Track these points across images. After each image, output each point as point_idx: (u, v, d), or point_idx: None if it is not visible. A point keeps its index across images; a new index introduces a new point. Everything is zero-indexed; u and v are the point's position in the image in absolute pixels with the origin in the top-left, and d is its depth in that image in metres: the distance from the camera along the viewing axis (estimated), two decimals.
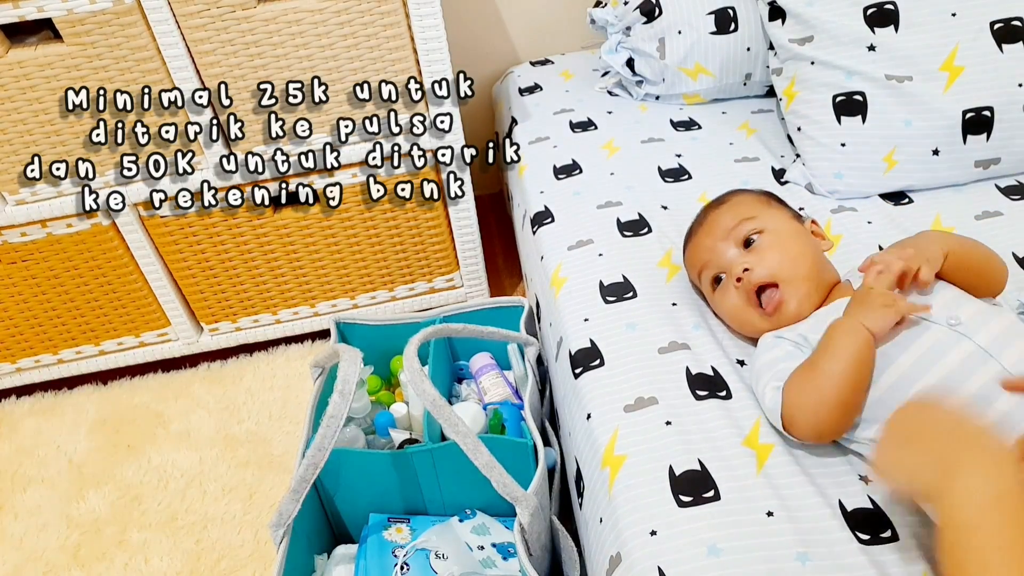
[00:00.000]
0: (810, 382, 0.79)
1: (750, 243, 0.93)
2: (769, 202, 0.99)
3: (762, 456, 0.81)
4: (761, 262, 0.90)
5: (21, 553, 1.27)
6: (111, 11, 1.12)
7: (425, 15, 1.20)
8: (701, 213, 1.02)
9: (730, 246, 0.94)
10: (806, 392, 0.79)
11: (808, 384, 0.79)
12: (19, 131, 1.21)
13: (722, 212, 0.98)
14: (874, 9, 1.17)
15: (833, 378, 0.77)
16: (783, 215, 0.97)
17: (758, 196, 1.00)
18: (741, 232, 0.93)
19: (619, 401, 0.90)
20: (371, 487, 1.06)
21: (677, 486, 0.79)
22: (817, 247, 0.94)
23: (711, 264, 0.96)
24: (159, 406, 1.49)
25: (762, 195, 1.00)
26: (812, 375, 0.79)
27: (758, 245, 0.92)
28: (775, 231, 0.93)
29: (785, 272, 0.89)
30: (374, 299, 1.53)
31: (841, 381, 0.76)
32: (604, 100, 1.50)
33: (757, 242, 0.92)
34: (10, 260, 1.35)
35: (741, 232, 0.93)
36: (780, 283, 0.89)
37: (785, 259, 0.90)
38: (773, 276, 0.89)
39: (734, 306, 0.93)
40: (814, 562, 0.71)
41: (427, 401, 0.90)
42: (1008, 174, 1.18)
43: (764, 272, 0.89)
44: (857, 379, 0.77)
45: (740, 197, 1.00)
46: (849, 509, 0.76)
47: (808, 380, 0.79)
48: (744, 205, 0.97)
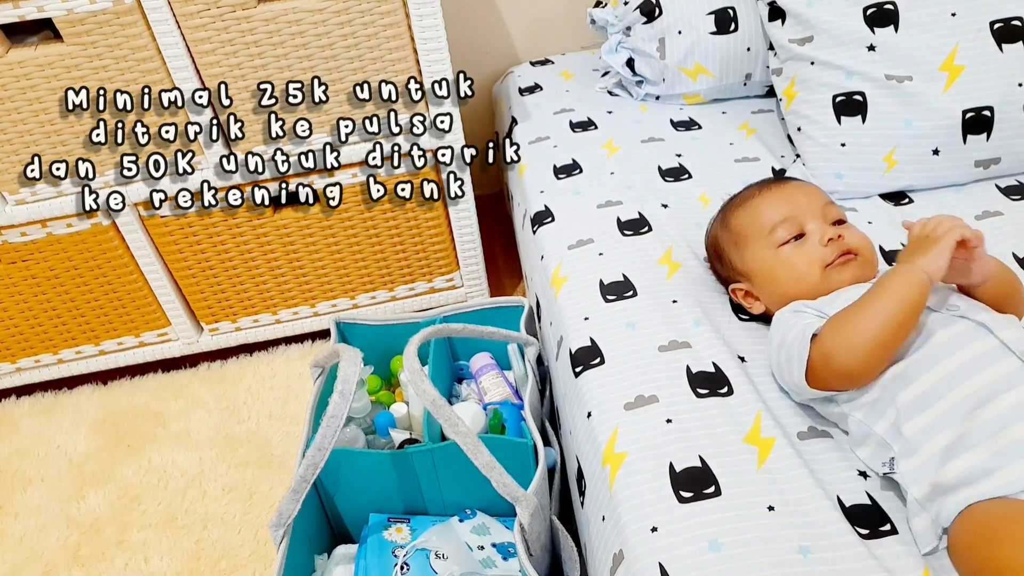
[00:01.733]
0: (855, 318, 0.80)
1: (840, 223, 0.96)
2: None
3: (763, 452, 0.81)
4: (851, 237, 0.94)
5: (21, 553, 1.27)
6: (111, 11, 1.12)
7: (425, 15, 1.20)
8: (781, 179, 1.04)
9: (818, 215, 0.96)
10: (850, 326, 0.79)
11: (852, 319, 0.80)
12: (19, 131, 1.21)
13: (811, 186, 1.02)
14: (874, 9, 1.17)
15: (880, 315, 0.78)
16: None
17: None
18: (832, 210, 0.97)
19: (619, 399, 0.90)
20: (371, 487, 1.06)
21: (678, 482, 0.79)
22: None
23: (798, 220, 0.95)
24: (159, 406, 1.49)
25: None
26: (858, 312, 0.80)
27: (848, 226, 0.96)
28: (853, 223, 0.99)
29: (865, 251, 0.94)
30: (374, 299, 1.53)
31: (887, 319, 0.77)
32: (604, 100, 1.50)
33: (846, 224, 0.97)
34: (10, 260, 1.35)
35: (832, 210, 0.97)
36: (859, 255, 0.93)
37: (867, 244, 0.95)
38: (858, 248, 0.93)
39: (811, 260, 0.93)
40: (816, 554, 0.72)
41: (427, 401, 0.90)
42: (1008, 174, 1.18)
43: (855, 242, 0.94)
44: (904, 321, 0.78)
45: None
46: (848, 505, 0.77)
47: (853, 316, 0.80)
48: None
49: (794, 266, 0.94)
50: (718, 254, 1.03)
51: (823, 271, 0.92)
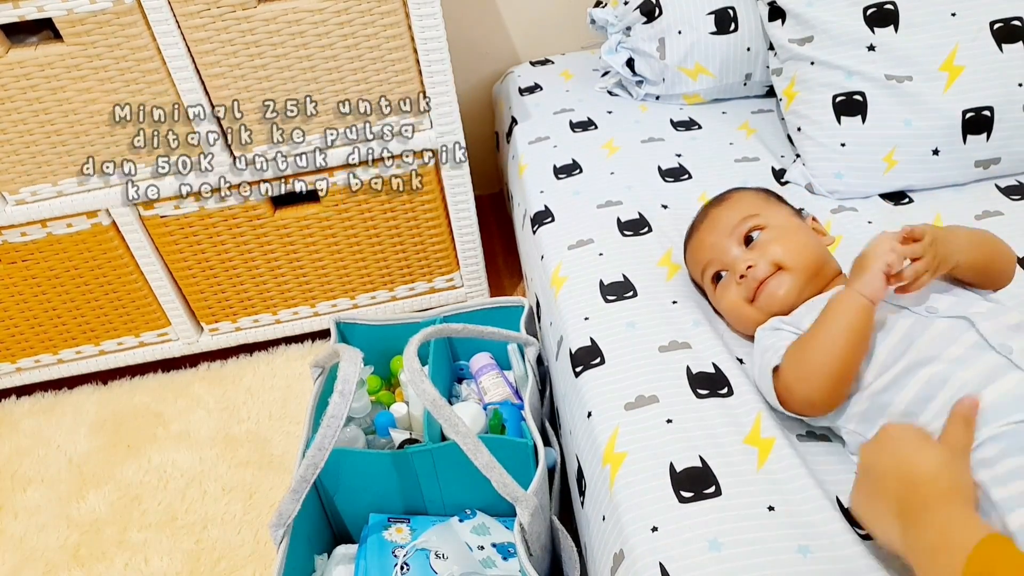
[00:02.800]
0: (806, 351, 0.81)
1: (750, 240, 0.94)
2: (769, 199, 0.99)
3: (763, 452, 0.81)
4: (763, 256, 0.91)
5: (21, 553, 1.27)
6: (111, 11, 1.12)
7: (425, 15, 1.20)
8: (702, 211, 1.02)
9: (732, 244, 0.94)
10: (802, 360, 0.81)
11: (804, 352, 0.81)
12: (19, 131, 1.21)
13: (723, 209, 0.98)
14: (874, 9, 1.17)
15: (827, 345, 0.79)
16: (784, 212, 0.98)
17: (758, 193, 1.01)
18: (743, 229, 0.94)
19: (619, 399, 0.90)
20: (371, 487, 1.06)
21: (678, 482, 0.79)
22: (819, 240, 0.96)
23: (713, 262, 0.96)
24: (159, 406, 1.49)
25: (762, 192, 1.01)
26: (808, 344, 0.81)
27: (760, 241, 0.93)
28: (777, 227, 0.94)
29: (789, 261, 0.91)
30: (374, 299, 1.53)
31: (835, 349, 0.78)
32: (604, 100, 1.50)
33: (759, 238, 0.93)
34: (10, 260, 1.35)
35: (743, 229, 0.94)
36: (785, 269, 0.90)
37: (788, 250, 0.91)
38: (776, 264, 0.91)
39: (734, 303, 0.94)
40: (815, 554, 0.72)
41: (427, 401, 0.90)
42: (1008, 174, 1.18)
43: (766, 266, 0.91)
44: (852, 347, 0.79)
45: (741, 195, 1.00)
46: (846, 506, 0.77)
47: (804, 349, 0.81)
48: (745, 202, 0.98)
49: (727, 309, 0.96)
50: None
51: (752, 305, 0.92)
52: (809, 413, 0.82)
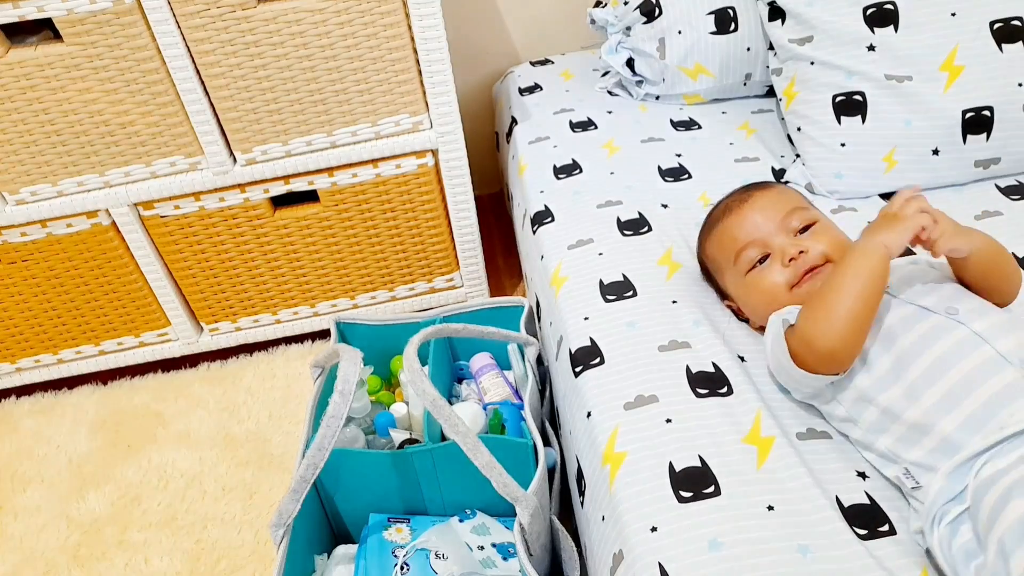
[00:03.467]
0: (827, 298, 0.81)
1: (805, 230, 0.94)
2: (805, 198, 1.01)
3: (763, 451, 0.82)
4: (816, 245, 0.91)
5: (21, 553, 1.27)
6: (111, 11, 1.12)
7: (425, 15, 1.20)
8: (743, 192, 1.01)
9: (782, 229, 0.94)
10: (823, 307, 0.80)
11: (824, 300, 0.81)
12: (19, 131, 1.21)
13: (773, 195, 0.98)
14: (874, 9, 1.17)
15: (850, 289, 0.79)
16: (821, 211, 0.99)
17: (796, 190, 1.03)
18: (797, 218, 0.94)
19: (619, 399, 0.90)
20: (371, 487, 1.06)
21: (677, 482, 0.79)
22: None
23: (757, 242, 0.94)
24: (159, 406, 1.49)
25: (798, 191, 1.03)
26: (828, 291, 0.81)
27: (814, 231, 0.93)
28: (828, 223, 0.95)
29: (838, 256, 0.91)
30: (374, 299, 1.53)
31: (859, 293, 0.79)
32: (604, 100, 1.50)
33: (813, 229, 0.93)
34: (10, 260, 1.35)
35: (797, 218, 0.94)
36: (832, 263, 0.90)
37: (839, 246, 0.92)
38: (826, 256, 0.91)
39: (775, 284, 0.92)
40: (815, 553, 0.72)
41: (427, 401, 0.90)
42: (1008, 174, 1.18)
43: (818, 256, 0.91)
44: (874, 294, 0.80)
45: (785, 187, 1.02)
46: (847, 505, 0.77)
47: (824, 296, 0.81)
48: (792, 194, 0.99)
49: (762, 291, 0.94)
50: (707, 274, 1.05)
51: (790, 292, 0.91)
52: (827, 367, 0.81)
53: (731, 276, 0.98)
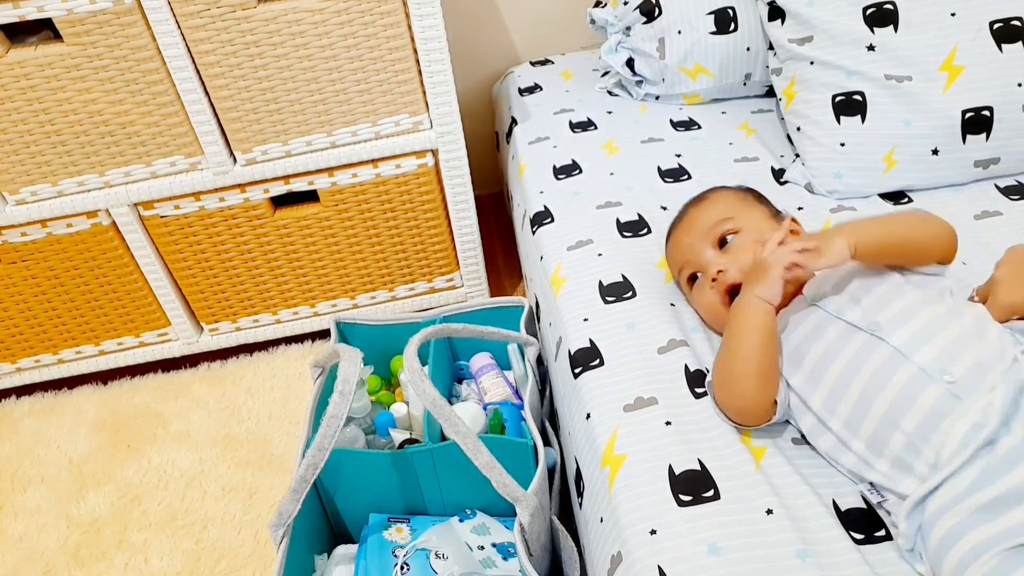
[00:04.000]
0: (724, 363, 0.84)
1: (725, 243, 0.94)
2: (747, 199, 0.99)
3: (757, 455, 0.82)
4: (735, 262, 0.91)
5: (21, 553, 1.27)
6: (111, 11, 1.12)
7: (425, 15, 1.20)
8: (682, 210, 1.03)
9: (707, 246, 0.94)
10: (724, 372, 0.84)
11: (723, 365, 0.84)
12: (19, 131, 1.21)
13: (701, 210, 0.98)
14: (874, 9, 1.17)
15: (742, 352, 0.82)
16: (760, 214, 0.97)
17: (737, 193, 1.00)
18: (717, 232, 0.94)
19: (619, 401, 0.90)
20: (371, 487, 1.06)
21: (677, 485, 0.79)
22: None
23: (689, 263, 0.97)
24: (159, 406, 1.49)
25: (741, 192, 1.01)
26: (724, 357, 0.85)
27: (733, 245, 0.93)
28: (751, 230, 0.93)
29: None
30: (374, 299, 1.53)
31: (751, 353, 0.81)
32: (604, 100, 1.50)
33: (732, 242, 0.93)
34: (10, 260, 1.35)
35: (717, 232, 0.94)
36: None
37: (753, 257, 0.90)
38: (744, 273, 0.89)
39: (709, 303, 0.95)
40: (813, 559, 0.72)
41: (427, 401, 0.90)
42: (1008, 174, 1.18)
43: (736, 272, 0.91)
44: (766, 349, 0.81)
45: (719, 195, 1.00)
46: (843, 509, 0.77)
47: (722, 362, 0.85)
48: (722, 204, 0.98)
49: (703, 307, 0.97)
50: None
51: (726, 308, 0.91)
52: (749, 420, 0.83)
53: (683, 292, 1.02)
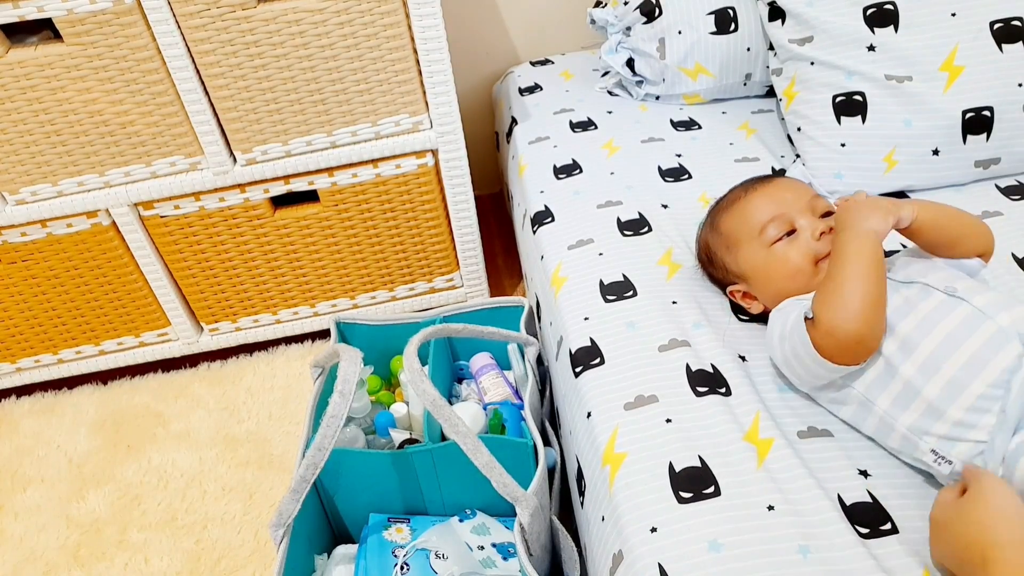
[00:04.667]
0: (839, 286, 0.81)
1: (829, 214, 0.95)
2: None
3: (762, 451, 0.81)
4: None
5: (21, 553, 1.27)
6: (111, 11, 1.12)
7: (425, 15, 1.20)
8: (764, 177, 1.04)
9: (808, 210, 0.95)
10: (838, 295, 0.81)
11: (837, 289, 0.81)
12: (19, 131, 1.21)
13: (795, 182, 1.01)
14: (874, 9, 1.17)
15: (859, 275, 0.81)
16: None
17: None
18: (821, 203, 0.96)
19: (619, 399, 0.90)
20: (371, 487, 1.06)
21: (677, 483, 0.79)
22: None
23: (785, 216, 0.94)
24: (159, 406, 1.49)
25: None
26: (837, 281, 0.82)
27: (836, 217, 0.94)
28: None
29: None
30: (374, 299, 1.53)
31: (868, 278, 0.80)
32: (604, 100, 1.50)
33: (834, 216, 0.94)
34: (10, 260, 1.35)
35: (821, 203, 0.96)
36: None
37: None
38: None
39: (803, 256, 0.93)
40: (815, 554, 0.72)
41: (427, 401, 0.90)
42: (1008, 174, 1.18)
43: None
44: (879, 276, 0.81)
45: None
46: (848, 503, 0.77)
47: (836, 286, 0.82)
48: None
49: (788, 262, 0.93)
50: (710, 258, 1.03)
51: (816, 265, 0.92)
52: (855, 353, 0.81)
53: (750, 250, 0.97)
